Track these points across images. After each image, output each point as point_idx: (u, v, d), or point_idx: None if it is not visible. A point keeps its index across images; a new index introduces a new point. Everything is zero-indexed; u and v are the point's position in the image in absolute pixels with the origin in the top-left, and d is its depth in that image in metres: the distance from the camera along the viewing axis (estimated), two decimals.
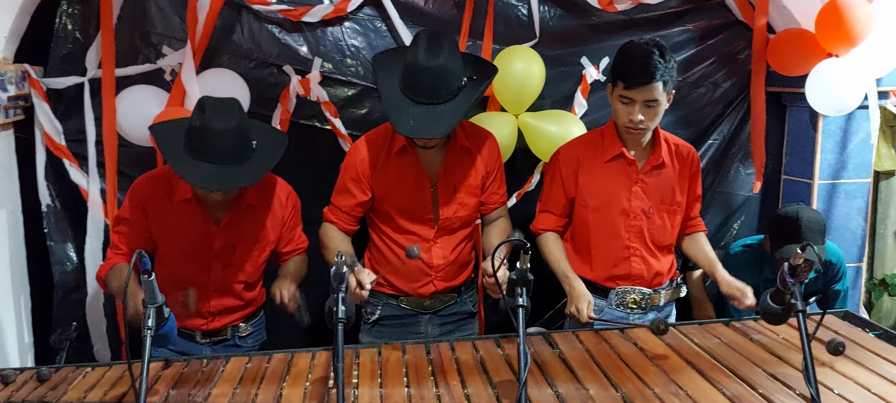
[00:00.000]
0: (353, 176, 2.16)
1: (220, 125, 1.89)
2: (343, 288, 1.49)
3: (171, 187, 2.05)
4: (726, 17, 3.01)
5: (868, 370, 1.72)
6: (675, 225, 2.28)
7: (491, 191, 2.28)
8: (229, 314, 2.16)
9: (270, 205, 2.15)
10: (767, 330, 1.98)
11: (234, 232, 2.09)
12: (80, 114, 2.60)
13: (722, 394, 1.60)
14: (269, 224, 2.15)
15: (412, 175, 2.16)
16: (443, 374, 1.73)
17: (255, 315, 2.25)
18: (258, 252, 2.15)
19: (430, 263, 2.20)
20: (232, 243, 2.09)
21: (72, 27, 2.59)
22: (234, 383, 1.71)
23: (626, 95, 2.06)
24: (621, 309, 2.25)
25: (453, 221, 2.21)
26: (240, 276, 2.13)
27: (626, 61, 2.07)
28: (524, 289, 1.53)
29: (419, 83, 2.00)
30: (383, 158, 2.15)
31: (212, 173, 1.90)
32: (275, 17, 2.68)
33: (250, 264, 2.14)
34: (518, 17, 2.85)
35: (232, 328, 2.17)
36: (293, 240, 2.24)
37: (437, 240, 2.20)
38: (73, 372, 1.79)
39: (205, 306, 2.10)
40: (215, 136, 1.89)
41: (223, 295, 2.12)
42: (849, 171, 3.05)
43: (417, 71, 2.00)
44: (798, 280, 1.50)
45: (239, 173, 1.94)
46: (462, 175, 2.20)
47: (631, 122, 2.08)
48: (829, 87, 2.76)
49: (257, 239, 2.13)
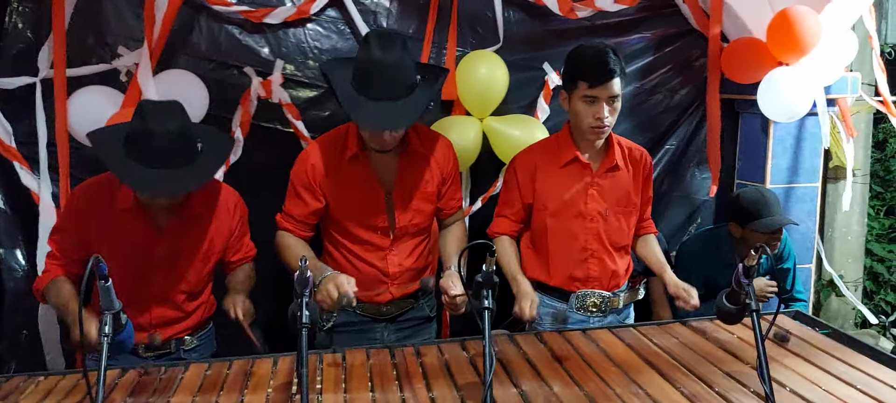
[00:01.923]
0: (304, 183, 2.12)
1: (161, 127, 1.80)
2: (307, 292, 1.48)
3: (112, 194, 1.95)
4: (682, 26, 3.09)
5: (818, 367, 1.78)
6: (630, 226, 2.32)
7: (448, 197, 2.27)
8: (171, 325, 2.06)
9: (216, 213, 2.07)
10: (723, 330, 2.04)
11: (177, 241, 2.00)
12: (32, 116, 2.52)
13: (680, 393, 1.64)
14: (215, 232, 2.07)
15: (365, 182, 2.12)
16: (408, 378, 1.73)
17: (202, 327, 2.16)
18: (203, 261, 2.06)
19: (386, 271, 2.18)
20: (175, 252, 2.00)
21: (22, 26, 2.50)
22: (193, 391, 1.68)
23: (590, 94, 2.09)
24: (582, 313, 2.29)
25: (409, 228, 2.19)
26: (182, 286, 2.04)
27: (584, 62, 2.10)
28: (490, 291, 1.54)
29: (374, 79, 1.95)
30: (335, 165, 2.12)
31: (153, 178, 1.81)
32: (235, 18, 2.64)
33: (194, 274, 2.05)
34: (482, 20, 2.87)
35: (176, 341, 2.08)
36: (241, 249, 2.17)
37: (393, 248, 2.18)
38: (25, 382, 1.73)
39: (144, 318, 2.01)
40: (156, 139, 1.79)
41: (163, 306, 2.03)
42: (799, 176, 3.17)
43: (371, 67, 1.95)
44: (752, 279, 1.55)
45: (182, 177, 1.84)
46: (417, 181, 2.17)
47: (598, 121, 2.10)
48: (780, 95, 2.86)
49: (202, 248, 2.05)
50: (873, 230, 4.10)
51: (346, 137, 2.13)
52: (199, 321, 2.14)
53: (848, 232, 3.90)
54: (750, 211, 2.69)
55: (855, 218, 3.90)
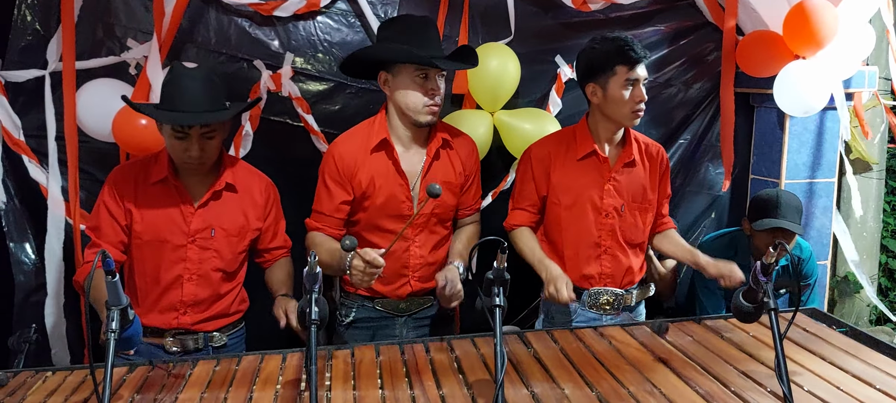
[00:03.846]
0: (333, 175, 2.12)
1: (190, 79, 1.93)
2: (316, 288, 1.46)
3: (146, 170, 2.03)
4: (697, 19, 3.05)
5: (837, 367, 1.74)
6: (646, 223, 2.29)
7: (467, 195, 2.27)
8: (202, 307, 2.05)
9: (250, 191, 2.11)
10: (738, 328, 2.00)
11: (211, 215, 2.04)
12: (41, 109, 2.52)
13: (695, 392, 1.61)
14: (249, 209, 2.10)
15: (391, 172, 2.13)
16: (417, 375, 1.71)
17: (235, 326, 2.15)
18: (238, 237, 2.08)
19: (407, 263, 2.17)
20: (209, 225, 2.03)
21: (31, 18, 2.49)
22: (202, 387, 1.66)
23: (631, 77, 2.10)
24: (594, 310, 2.26)
25: (433, 220, 2.19)
26: (217, 263, 2.05)
27: (617, 48, 2.11)
28: (501, 289, 1.52)
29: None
30: (363, 154, 2.12)
31: (186, 116, 1.91)
32: (245, 11, 2.63)
33: (229, 250, 2.07)
34: (494, 12, 2.84)
35: (205, 336, 2.07)
36: (278, 235, 2.19)
37: (415, 239, 2.18)
38: (32, 377, 1.72)
39: (176, 295, 2.03)
40: (187, 87, 1.92)
41: (197, 283, 2.04)
42: (815, 171, 3.12)
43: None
44: (770, 277, 1.52)
45: (213, 114, 1.94)
46: (442, 173, 2.18)
47: (641, 103, 2.12)
48: (796, 89, 2.81)
49: (237, 223, 2.08)
50: (889, 226, 4.04)
51: (373, 126, 2.14)
52: (229, 309, 2.12)
53: (863, 228, 3.85)
54: (759, 208, 2.63)
55: (870, 215, 3.85)
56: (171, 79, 1.96)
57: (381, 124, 2.14)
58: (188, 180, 2.03)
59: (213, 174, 2.06)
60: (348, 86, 2.75)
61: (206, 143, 1.95)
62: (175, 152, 1.97)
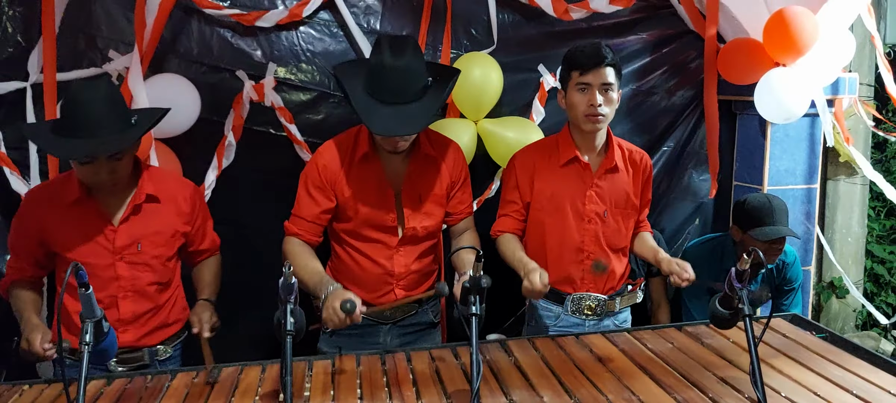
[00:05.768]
0: (317, 182, 2.11)
1: (90, 100, 1.81)
2: (291, 299, 1.46)
3: (58, 191, 1.96)
4: (678, 27, 3.07)
5: (814, 372, 1.75)
6: (628, 228, 2.30)
7: (457, 201, 2.26)
8: (144, 321, 2.01)
9: (175, 200, 2.05)
10: (719, 334, 2.01)
11: (135, 228, 1.97)
12: (22, 121, 2.50)
13: (673, 399, 1.62)
14: (175, 217, 2.04)
15: (375, 182, 2.12)
16: (397, 385, 1.70)
17: (178, 336, 2.12)
18: (166, 246, 2.03)
19: (391, 271, 2.17)
20: (135, 240, 1.97)
21: (12, 30, 2.49)
22: (180, 399, 1.66)
23: (582, 81, 2.11)
24: (577, 316, 2.26)
25: (419, 231, 2.18)
26: (151, 277, 2.00)
27: (577, 53, 2.15)
28: (478, 297, 1.52)
29: (386, 84, 1.97)
30: (346, 164, 2.12)
31: (88, 145, 1.81)
32: (227, 21, 2.62)
33: (159, 262, 2.02)
34: (476, 22, 2.85)
35: (149, 351, 2.03)
36: (207, 236, 2.16)
37: (400, 249, 2.17)
38: (8, 391, 1.71)
39: (115, 315, 1.96)
40: (87, 109, 1.80)
41: (134, 299, 1.99)
42: (797, 177, 3.14)
43: (383, 72, 1.97)
44: (746, 284, 1.53)
45: (116, 142, 1.83)
46: (427, 184, 2.17)
47: (591, 107, 2.12)
48: (777, 96, 2.83)
49: (163, 234, 2.02)
50: (874, 231, 4.06)
51: (357, 137, 2.13)
52: (168, 318, 2.08)
53: (848, 233, 3.87)
54: (752, 216, 2.63)
55: (855, 220, 3.87)
56: (69, 100, 1.83)
57: (364, 134, 2.14)
58: (105, 198, 1.96)
59: (130, 188, 1.98)
60: (331, 96, 2.75)
61: (115, 165, 1.87)
62: (84, 176, 1.89)
